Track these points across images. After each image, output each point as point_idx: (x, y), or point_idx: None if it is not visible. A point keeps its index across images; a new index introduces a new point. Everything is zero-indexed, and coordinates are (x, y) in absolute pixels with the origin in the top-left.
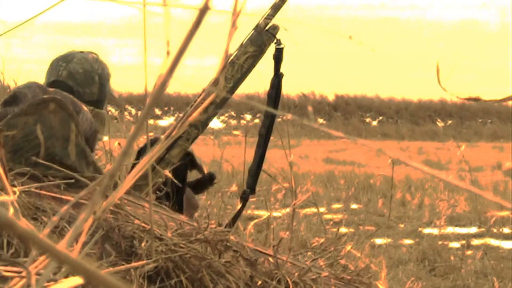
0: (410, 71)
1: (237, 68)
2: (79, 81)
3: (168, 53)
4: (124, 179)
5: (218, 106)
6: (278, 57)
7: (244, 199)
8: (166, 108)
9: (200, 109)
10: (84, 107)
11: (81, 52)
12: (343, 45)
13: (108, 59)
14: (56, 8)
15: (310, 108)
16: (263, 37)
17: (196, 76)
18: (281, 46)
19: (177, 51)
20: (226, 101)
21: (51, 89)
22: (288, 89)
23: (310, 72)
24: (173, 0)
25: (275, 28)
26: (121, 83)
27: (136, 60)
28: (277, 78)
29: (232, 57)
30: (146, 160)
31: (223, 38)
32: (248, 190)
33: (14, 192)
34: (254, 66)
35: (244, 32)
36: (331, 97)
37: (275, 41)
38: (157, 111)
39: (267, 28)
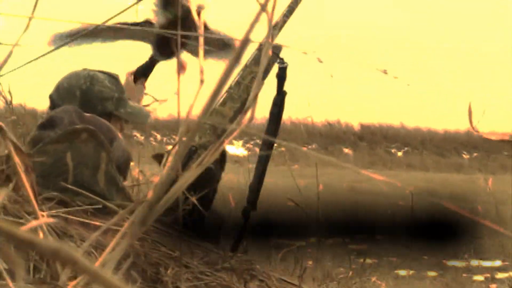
0: (436, 101)
1: (243, 88)
2: (62, 95)
3: (202, 81)
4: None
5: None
6: (281, 76)
7: (246, 216)
8: None
9: (231, 137)
10: (119, 135)
11: (84, 69)
12: (369, 73)
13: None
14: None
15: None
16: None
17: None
18: (285, 65)
19: (217, 82)
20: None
21: (87, 115)
22: (314, 118)
23: (336, 100)
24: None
25: (278, 48)
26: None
27: (163, 85)
28: (280, 96)
29: (237, 78)
30: (178, 186)
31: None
32: (249, 205)
33: (43, 217)
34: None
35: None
36: (356, 126)
37: (278, 60)
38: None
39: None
